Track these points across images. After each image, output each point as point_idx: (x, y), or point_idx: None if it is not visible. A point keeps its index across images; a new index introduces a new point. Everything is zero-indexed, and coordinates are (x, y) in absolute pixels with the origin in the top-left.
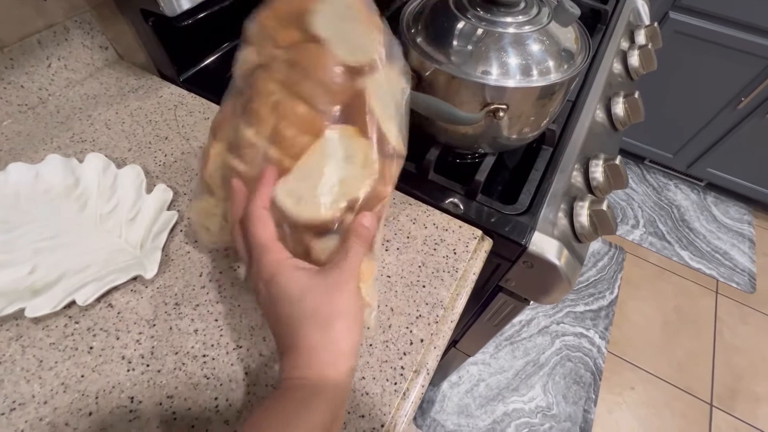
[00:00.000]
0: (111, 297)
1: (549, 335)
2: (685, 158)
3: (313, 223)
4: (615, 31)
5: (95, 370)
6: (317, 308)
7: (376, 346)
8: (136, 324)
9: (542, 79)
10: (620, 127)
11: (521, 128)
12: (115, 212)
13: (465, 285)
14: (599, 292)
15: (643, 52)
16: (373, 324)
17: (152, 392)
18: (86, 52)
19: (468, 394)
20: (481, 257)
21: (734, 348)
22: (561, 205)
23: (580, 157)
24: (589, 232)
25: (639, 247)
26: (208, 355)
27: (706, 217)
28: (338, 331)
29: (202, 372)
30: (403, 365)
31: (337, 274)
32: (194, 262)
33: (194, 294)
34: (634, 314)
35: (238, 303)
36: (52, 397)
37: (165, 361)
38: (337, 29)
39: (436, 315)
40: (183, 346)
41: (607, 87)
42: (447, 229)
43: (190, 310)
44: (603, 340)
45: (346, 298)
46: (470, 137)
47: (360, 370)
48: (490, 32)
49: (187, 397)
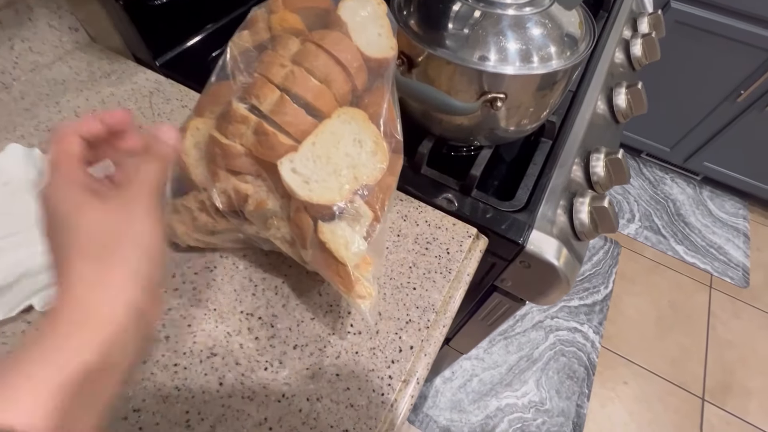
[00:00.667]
0: None
1: (543, 330)
2: (682, 152)
3: (321, 206)
4: (618, 17)
5: None
6: (92, 234)
7: (362, 354)
8: None
9: (543, 66)
10: (622, 120)
11: (520, 120)
12: None
13: (458, 287)
14: (594, 286)
15: (647, 41)
16: (369, 316)
17: (117, 405)
18: (53, 34)
19: (461, 390)
20: (475, 257)
21: (727, 342)
22: (560, 202)
23: (581, 150)
24: (589, 229)
25: (634, 242)
26: (180, 364)
27: (701, 211)
28: (119, 264)
29: (172, 383)
30: (390, 374)
31: (123, 193)
32: (168, 262)
33: (166, 297)
34: (629, 309)
35: (213, 307)
36: None
37: (132, 371)
38: (357, 23)
39: (427, 320)
40: (152, 355)
41: (609, 77)
42: (440, 226)
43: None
44: (597, 334)
45: (134, 222)
46: (466, 129)
47: (345, 380)
48: (488, 14)
49: (155, 411)
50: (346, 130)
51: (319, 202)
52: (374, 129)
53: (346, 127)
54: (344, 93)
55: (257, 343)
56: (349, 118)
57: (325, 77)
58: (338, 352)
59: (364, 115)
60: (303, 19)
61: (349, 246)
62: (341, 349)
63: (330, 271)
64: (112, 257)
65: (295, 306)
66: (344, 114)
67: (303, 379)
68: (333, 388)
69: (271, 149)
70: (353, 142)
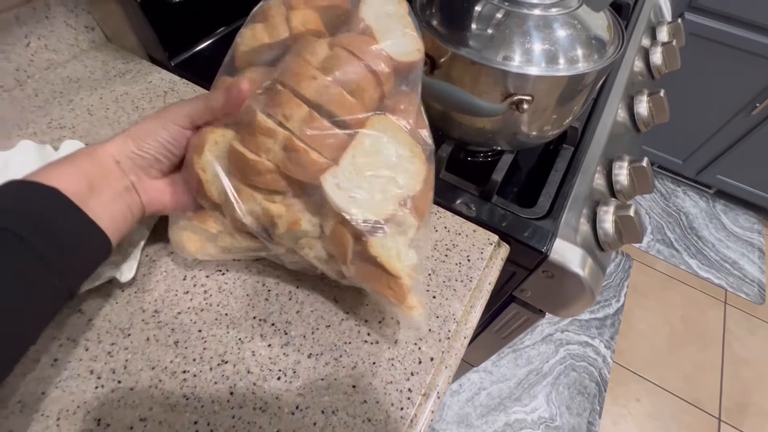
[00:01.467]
0: (81, 302)
1: (553, 343)
2: (695, 165)
3: (368, 222)
4: (636, 28)
5: (58, 387)
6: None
7: (379, 365)
8: (109, 333)
9: (571, 68)
10: (643, 128)
11: (543, 125)
12: None
13: (480, 296)
14: (605, 299)
15: (667, 49)
16: (425, 326)
17: (123, 413)
18: (70, 32)
19: (468, 403)
20: (497, 265)
21: (743, 360)
22: (583, 210)
23: (602, 158)
24: (613, 239)
25: (646, 255)
26: (189, 371)
27: (715, 225)
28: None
29: (181, 391)
30: (410, 387)
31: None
32: (178, 264)
33: (176, 300)
34: (641, 323)
35: (225, 312)
36: (8, 417)
37: (139, 377)
38: (381, 24)
39: (448, 330)
40: (161, 361)
41: (630, 85)
42: (459, 233)
43: (170, 319)
44: (608, 349)
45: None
46: (487, 132)
47: (362, 392)
48: (514, 13)
49: (162, 420)
50: (382, 140)
51: (367, 217)
52: (408, 137)
53: (383, 138)
54: (374, 101)
55: (270, 350)
56: (383, 128)
57: (357, 87)
58: (354, 362)
59: (396, 124)
60: (322, 18)
61: (402, 258)
62: (358, 359)
63: (380, 284)
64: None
65: (310, 312)
66: (378, 124)
67: (318, 391)
68: (349, 400)
69: (302, 167)
70: (391, 153)
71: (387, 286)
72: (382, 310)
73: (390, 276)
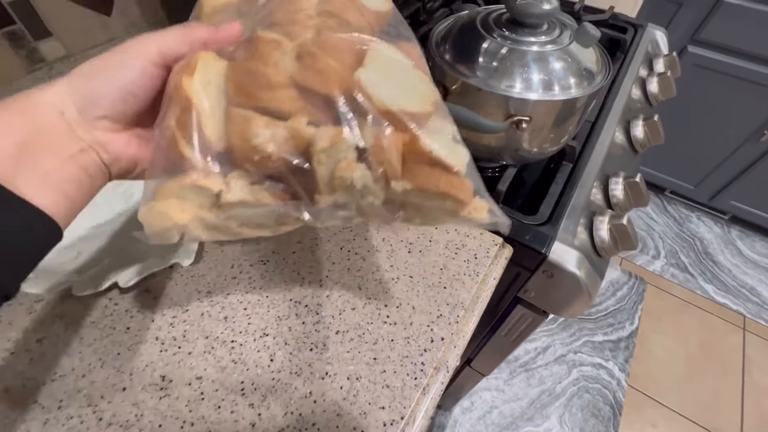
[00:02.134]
0: (149, 282)
1: (566, 364)
2: (708, 190)
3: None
4: (634, 58)
5: (130, 349)
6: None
7: (397, 342)
8: (170, 308)
9: (564, 93)
10: (640, 149)
11: (542, 142)
12: None
13: (485, 288)
14: (618, 322)
15: (662, 80)
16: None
17: (182, 373)
18: None
19: (480, 421)
20: (501, 263)
21: (764, 390)
22: (581, 219)
23: (600, 174)
24: (609, 246)
25: (660, 279)
26: (236, 341)
27: (731, 250)
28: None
29: (230, 356)
30: (423, 361)
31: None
32: (227, 254)
33: (225, 284)
34: (656, 348)
35: (266, 294)
36: (90, 371)
37: (196, 344)
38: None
39: (457, 315)
40: (213, 332)
41: (626, 111)
42: (468, 235)
43: (221, 299)
44: (623, 372)
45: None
46: (493, 149)
47: (381, 364)
48: (514, 50)
49: (214, 378)
50: (397, 55)
51: (411, 109)
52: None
53: (397, 53)
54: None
55: (304, 327)
56: (391, 48)
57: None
58: (375, 338)
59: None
60: None
61: (455, 151)
62: (378, 337)
63: (441, 183)
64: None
65: (338, 297)
66: (385, 44)
67: (344, 361)
68: (371, 370)
69: (321, 74)
70: (408, 65)
71: (450, 185)
72: (376, 293)
73: (450, 175)
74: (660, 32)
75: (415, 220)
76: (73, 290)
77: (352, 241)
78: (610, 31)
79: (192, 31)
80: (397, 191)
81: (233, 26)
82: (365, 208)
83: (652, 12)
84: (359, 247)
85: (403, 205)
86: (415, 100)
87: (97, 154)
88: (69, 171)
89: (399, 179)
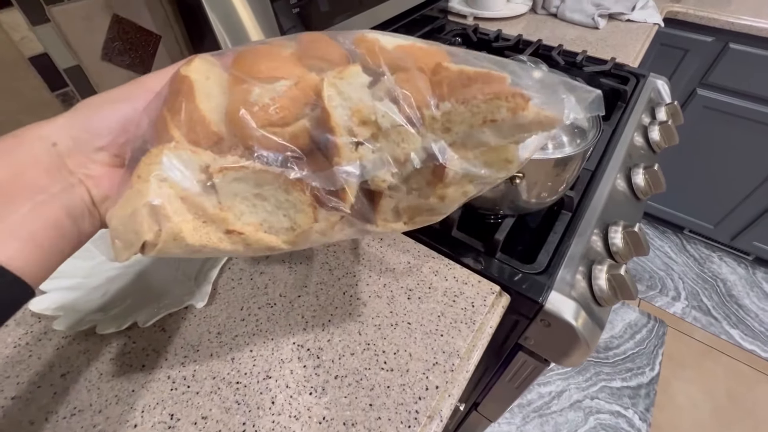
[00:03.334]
0: (165, 322)
1: (582, 411)
2: (728, 230)
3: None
4: (635, 107)
5: (144, 387)
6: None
7: (393, 389)
8: (183, 348)
9: (557, 152)
10: (642, 197)
11: (538, 193)
12: None
13: (481, 337)
14: (638, 367)
15: (664, 128)
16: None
17: (189, 411)
18: None
19: None
20: (498, 312)
21: None
22: (579, 267)
23: (600, 222)
24: (608, 295)
25: (682, 322)
26: (241, 382)
27: (756, 293)
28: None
29: (234, 397)
30: (417, 410)
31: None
32: (237, 297)
33: (234, 325)
34: (680, 396)
35: (271, 337)
36: (106, 407)
37: (203, 384)
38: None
39: (452, 363)
40: (220, 372)
41: (628, 158)
42: (466, 282)
43: (229, 340)
44: (644, 422)
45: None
46: (491, 200)
47: (377, 410)
48: None
49: (219, 419)
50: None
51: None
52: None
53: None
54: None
55: (305, 370)
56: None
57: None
58: (372, 384)
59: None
60: None
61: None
62: (375, 383)
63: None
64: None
65: (338, 342)
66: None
67: (341, 406)
68: (366, 416)
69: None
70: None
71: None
72: (375, 338)
73: (492, 81)
74: (661, 81)
75: (469, 158)
76: (97, 329)
77: (355, 286)
78: (612, 81)
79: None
80: (436, 118)
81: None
82: (402, 159)
83: (658, 58)
84: (361, 293)
85: (452, 145)
86: (426, 43)
87: (87, 191)
88: (46, 215)
89: (429, 105)
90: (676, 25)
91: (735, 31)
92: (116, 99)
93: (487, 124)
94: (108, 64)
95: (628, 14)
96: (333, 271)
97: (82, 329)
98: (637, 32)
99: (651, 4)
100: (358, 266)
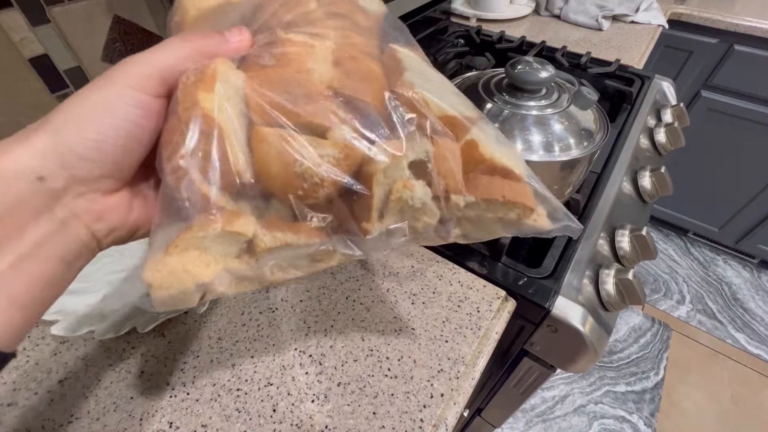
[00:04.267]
0: (164, 327)
1: (586, 416)
2: (733, 233)
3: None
4: (641, 110)
5: (143, 394)
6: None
7: (397, 396)
8: (182, 354)
9: (563, 154)
10: (648, 200)
11: None
12: None
13: (487, 343)
14: (642, 371)
15: (670, 130)
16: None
17: (189, 420)
18: None
19: None
20: (504, 317)
21: None
22: (586, 272)
23: (606, 226)
24: (616, 300)
25: (686, 325)
26: (242, 389)
27: (762, 297)
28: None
29: (234, 405)
30: (422, 418)
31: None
32: (238, 301)
33: (235, 330)
34: (685, 401)
35: (273, 342)
36: (104, 414)
37: (203, 391)
38: None
39: (457, 371)
40: (220, 379)
41: (634, 160)
42: (471, 287)
43: (230, 345)
44: (649, 428)
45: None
46: None
47: (381, 419)
48: (515, 114)
49: (219, 427)
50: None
51: (468, 114)
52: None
53: (416, 59)
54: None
55: (307, 377)
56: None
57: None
58: (376, 392)
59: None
60: None
61: (510, 155)
62: (378, 390)
63: (506, 192)
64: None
65: (341, 348)
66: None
67: (344, 414)
68: (370, 425)
69: (365, 79)
70: (432, 71)
71: (514, 193)
72: (378, 344)
73: (512, 180)
74: (667, 83)
75: (471, 235)
76: (95, 334)
77: (358, 291)
78: (617, 83)
79: (194, 42)
80: (459, 206)
81: (241, 31)
82: (419, 229)
83: (662, 60)
84: (364, 297)
85: (460, 220)
86: (462, 104)
87: (86, 227)
88: (30, 271)
89: (461, 192)
90: (680, 26)
91: (740, 32)
92: (105, 107)
93: (495, 218)
94: (109, 66)
95: (632, 16)
96: (335, 275)
97: (80, 334)
98: (641, 34)
99: (655, 6)
100: (361, 270)
